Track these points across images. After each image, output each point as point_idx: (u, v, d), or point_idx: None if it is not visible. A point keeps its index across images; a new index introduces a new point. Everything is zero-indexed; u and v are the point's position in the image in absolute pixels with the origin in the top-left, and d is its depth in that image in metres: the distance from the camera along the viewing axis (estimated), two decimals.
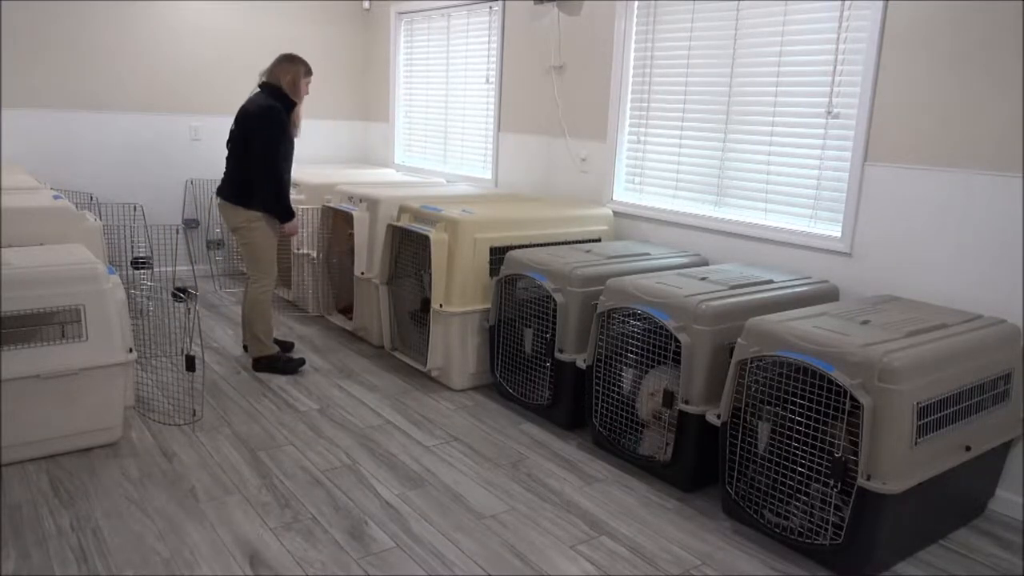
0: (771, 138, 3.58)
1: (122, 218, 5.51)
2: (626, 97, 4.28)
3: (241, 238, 3.83)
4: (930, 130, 3.01)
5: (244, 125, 3.70)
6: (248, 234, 3.79)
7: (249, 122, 3.68)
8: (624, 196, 4.36)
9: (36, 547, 2.40)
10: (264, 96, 3.73)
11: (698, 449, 2.86)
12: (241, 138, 3.71)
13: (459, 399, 3.76)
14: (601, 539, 2.60)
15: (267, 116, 3.66)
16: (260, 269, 3.86)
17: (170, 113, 5.66)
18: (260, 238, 3.80)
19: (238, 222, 3.78)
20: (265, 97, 3.72)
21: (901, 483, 2.30)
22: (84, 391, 2.94)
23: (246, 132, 3.69)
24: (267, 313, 3.90)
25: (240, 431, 3.29)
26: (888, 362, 2.27)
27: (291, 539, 2.52)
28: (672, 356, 2.92)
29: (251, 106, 3.70)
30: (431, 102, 5.89)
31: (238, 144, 3.73)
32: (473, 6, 5.31)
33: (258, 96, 3.75)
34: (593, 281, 3.32)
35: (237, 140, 3.73)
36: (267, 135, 3.66)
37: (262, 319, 3.89)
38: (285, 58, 3.82)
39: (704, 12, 3.83)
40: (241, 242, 3.85)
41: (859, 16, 3.20)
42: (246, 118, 3.70)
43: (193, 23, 5.63)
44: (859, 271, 3.28)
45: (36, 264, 2.89)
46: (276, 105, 3.69)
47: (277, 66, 3.80)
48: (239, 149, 3.73)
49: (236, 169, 3.75)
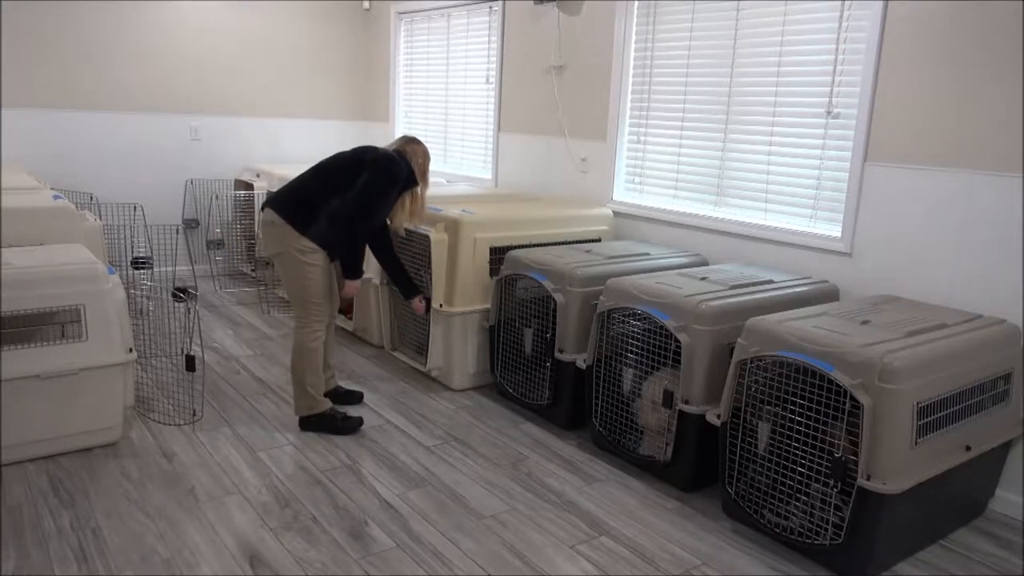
0: (771, 138, 3.58)
1: (122, 218, 5.51)
2: (626, 97, 4.28)
3: (288, 267, 3.15)
4: (930, 130, 3.01)
5: (363, 159, 3.19)
6: (298, 264, 3.12)
7: (372, 160, 3.18)
8: (624, 196, 4.36)
9: (36, 547, 2.40)
10: (399, 156, 3.26)
11: (698, 449, 2.86)
12: (347, 170, 3.17)
13: (459, 399, 3.76)
14: (601, 539, 2.60)
15: (393, 168, 3.18)
16: (309, 310, 3.21)
17: (170, 113, 5.66)
18: (312, 272, 3.15)
19: (286, 246, 3.12)
20: (399, 157, 3.26)
21: (901, 483, 2.30)
22: (84, 391, 2.94)
23: (358, 167, 3.17)
24: (317, 362, 3.26)
25: (240, 431, 3.29)
26: (888, 362, 2.27)
27: (291, 539, 2.52)
28: (672, 356, 2.92)
29: (383, 151, 3.26)
30: (431, 102, 5.89)
31: (339, 171, 3.19)
32: (473, 6, 5.31)
33: (393, 153, 3.28)
34: (593, 281, 3.32)
35: (341, 168, 3.19)
36: (381, 182, 3.16)
37: (312, 370, 3.25)
38: (413, 140, 3.38)
39: (704, 12, 3.83)
40: (287, 273, 3.17)
41: (859, 16, 3.20)
42: (369, 154, 3.22)
43: (193, 23, 5.63)
44: (859, 271, 3.28)
45: (36, 264, 2.89)
46: (405, 168, 3.24)
47: (405, 143, 3.34)
48: (336, 175, 3.17)
49: (314, 190, 3.16)
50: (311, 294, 3.17)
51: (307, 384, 3.26)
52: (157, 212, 5.73)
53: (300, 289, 3.17)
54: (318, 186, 3.16)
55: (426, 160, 3.36)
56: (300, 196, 3.15)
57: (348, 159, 3.22)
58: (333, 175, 3.18)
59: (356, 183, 3.13)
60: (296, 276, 3.15)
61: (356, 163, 3.19)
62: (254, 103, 6.00)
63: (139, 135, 5.57)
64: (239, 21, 5.82)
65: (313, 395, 3.28)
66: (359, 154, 3.23)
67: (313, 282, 3.16)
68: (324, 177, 3.19)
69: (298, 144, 6.28)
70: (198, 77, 5.72)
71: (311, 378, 3.25)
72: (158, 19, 5.48)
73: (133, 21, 5.39)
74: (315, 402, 3.29)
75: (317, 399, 3.30)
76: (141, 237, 5.51)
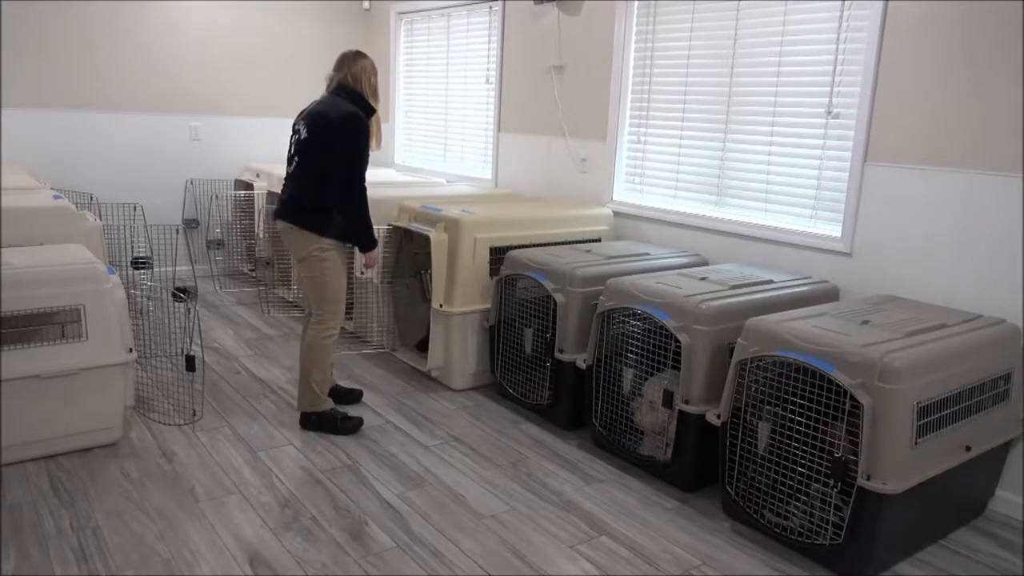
0: (771, 138, 3.58)
1: (122, 218, 5.51)
2: (626, 97, 4.27)
3: (310, 270, 3.17)
4: (930, 130, 3.01)
5: (323, 136, 3.07)
6: (319, 265, 3.14)
7: (331, 132, 3.06)
8: (624, 196, 4.36)
9: (36, 547, 2.40)
10: (344, 101, 3.13)
11: (698, 449, 2.86)
12: (318, 151, 3.08)
13: (459, 399, 3.76)
14: (601, 539, 2.60)
15: (353, 126, 3.07)
16: (329, 307, 3.21)
17: (170, 113, 5.66)
18: (332, 269, 3.17)
19: (309, 251, 3.13)
20: (344, 102, 3.12)
21: (901, 483, 2.30)
22: (84, 391, 2.94)
23: (325, 144, 3.07)
24: (327, 360, 3.26)
25: (240, 431, 3.29)
26: (888, 362, 2.27)
27: (291, 539, 2.52)
28: (672, 357, 2.92)
29: (332, 112, 3.07)
30: (431, 102, 5.89)
31: (314, 158, 3.10)
32: (473, 6, 5.31)
33: (336, 100, 3.13)
34: (593, 281, 3.32)
35: (312, 153, 3.10)
36: (353, 148, 3.09)
37: (320, 367, 3.24)
38: (358, 55, 3.21)
39: (704, 12, 3.83)
40: (309, 274, 3.19)
41: (859, 16, 3.20)
42: (326, 127, 3.07)
43: (193, 23, 5.63)
44: (859, 271, 3.28)
45: (36, 264, 2.88)
46: (360, 113, 3.11)
47: (353, 64, 3.18)
48: (314, 165, 3.10)
49: (309, 188, 3.11)
50: (335, 291, 3.21)
51: (313, 380, 3.25)
52: (157, 212, 5.73)
53: (324, 287, 3.19)
54: (307, 183, 3.12)
55: (373, 74, 3.22)
56: (305, 203, 3.11)
57: (310, 140, 3.09)
58: (308, 165, 3.11)
59: (335, 161, 3.07)
60: (320, 276, 3.17)
61: (322, 140, 3.07)
62: (254, 103, 6.00)
63: (139, 135, 5.57)
64: (239, 21, 5.82)
65: (317, 392, 3.28)
66: (316, 129, 3.08)
67: (337, 280, 3.20)
68: (308, 173, 3.12)
69: None
70: (198, 77, 5.72)
71: (317, 375, 3.25)
72: (158, 19, 5.48)
73: (133, 21, 5.39)
74: (318, 400, 3.29)
75: (321, 397, 3.30)
76: (141, 237, 5.51)
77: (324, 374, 3.27)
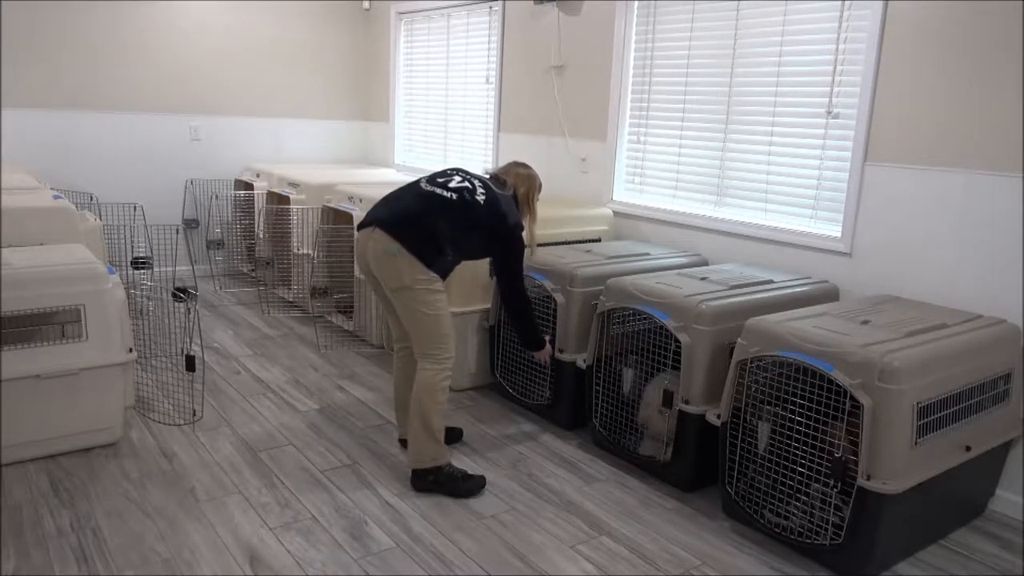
0: (771, 138, 3.58)
1: (122, 218, 5.51)
2: (626, 97, 4.27)
3: (412, 302, 2.76)
4: (930, 130, 3.01)
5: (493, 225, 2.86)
6: (430, 297, 2.76)
7: (501, 230, 2.86)
8: (624, 196, 4.36)
9: (36, 547, 2.40)
10: (510, 203, 2.94)
11: (698, 449, 2.86)
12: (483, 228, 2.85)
13: (459, 399, 3.76)
14: (601, 539, 2.60)
15: (516, 236, 2.90)
16: (441, 343, 2.83)
17: (170, 113, 5.66)
18: (443, 303, 2.81)
19: (413, 279, 2.73)
20: (510, 203, 2.94)
21: (901, 483, 2.30)
22: (84, 391, 2.94)
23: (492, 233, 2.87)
24: (445, 405, 2.86)
25: (240, 431, 3.29)
26: (888, 362, 2.27)
27: (291, 539, 2.52)
28: (672, 357, 2.92)
29: (512, 216, 2.90)
30: (431, 102, 5.89)
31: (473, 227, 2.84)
32: (473, 6, 5.31)
33: (505, 200, 2.92)
34: (593, 281, 3.32)
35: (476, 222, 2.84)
36: (518, 248, 2.91)
37: (439, 413, 2.84)
38: (522, 165, 3.12)
39: (704, 12, 3.83)
40: (414, 308, 2.77)
41: (859, 16, 3.20)
42: (502, 224, 2.85)
43: (193, 23, 5.63)
44: (859, 271, 3.28)
45: (36, 264, 2.89)
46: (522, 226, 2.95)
47: (514, 170, 3.09)
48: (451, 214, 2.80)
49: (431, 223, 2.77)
50: (443, 326, 2.82)
51: (435, 429, 2.84)
52: (157, 212, 5.73)
53: (432, 323, 2.79)
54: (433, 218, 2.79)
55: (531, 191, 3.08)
56: (417, 224, 2.77)
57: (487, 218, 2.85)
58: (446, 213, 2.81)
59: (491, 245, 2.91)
60: (427, 311, 2.78)
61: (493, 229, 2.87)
62: (254, 103, 6.00)
63: (139, 135, 5.57)
64: (239, 21, 5.82)
65: (440, 441, 2.88)
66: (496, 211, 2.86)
67: (445, 314, 2.82)
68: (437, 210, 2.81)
69: (298, 144, 6.28)
70: (198, 77, 5.72)
71: (437, 422, 2.84)
72: (158, 19, 5.48)
73: (133, 21, 5.39)
74: (441, 451, 2.88)
75: (443, 447, 2.90)
76: (141, 237, 5.51)
77: (442, 420, 2.87)
